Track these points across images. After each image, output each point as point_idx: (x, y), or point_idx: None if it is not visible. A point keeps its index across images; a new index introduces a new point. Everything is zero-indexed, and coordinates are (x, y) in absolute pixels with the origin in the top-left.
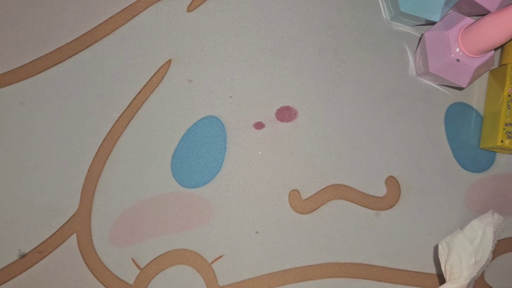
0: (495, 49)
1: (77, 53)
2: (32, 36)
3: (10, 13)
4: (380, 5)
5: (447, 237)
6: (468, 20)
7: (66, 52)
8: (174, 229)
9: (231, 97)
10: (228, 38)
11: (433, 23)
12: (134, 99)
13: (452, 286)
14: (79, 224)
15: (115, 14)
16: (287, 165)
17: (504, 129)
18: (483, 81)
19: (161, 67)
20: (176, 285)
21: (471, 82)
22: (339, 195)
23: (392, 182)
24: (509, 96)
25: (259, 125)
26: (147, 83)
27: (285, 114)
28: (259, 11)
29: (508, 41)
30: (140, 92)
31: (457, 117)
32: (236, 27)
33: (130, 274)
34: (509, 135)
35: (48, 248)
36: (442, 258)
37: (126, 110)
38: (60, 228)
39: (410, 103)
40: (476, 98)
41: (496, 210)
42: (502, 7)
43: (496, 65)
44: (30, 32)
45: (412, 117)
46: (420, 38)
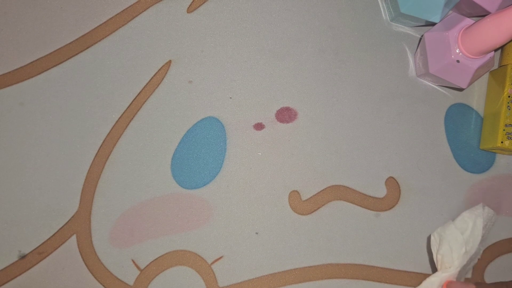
0: (495, 50)
1: (77, 54)
2: (32, 37)
3: (10, 14)
4: (380, 6)
5: (439, 228)
6: (468, 21)
7: (66, 53)
8: (174, 230)
9: (231, 98)
10: (228, 39)
11: (433, 24)
12: (134, 100)
13: (443, 275)
14: (79, 225)
15: (115, 15)
16: (287, 166)
17: (504, 130)
18: (483, 82)
19: (161, 68)
20: (176, 286)
21: (471, 83)
22: (339, 196)
23: (392, 183)
24: (509, 97)
25: (259, 126)
26: (147, 84)
27: (285, 115)
28: (259, 12)
29: (508, 42)
30: (140, 93)
31: (457, 118)
32: (236, 28)
33: (130, 275)
34: (509, 136)
35: (48, 249)
36: (434, 249)
37: (126, 111)
38: (60, 229)
39: (410, 104)
40: (476, 99)
41: (496, 210)
42: (502, 8)
43: (496, 66)
44: (30, 33)
45: (412, 118)
46: (420, 39)
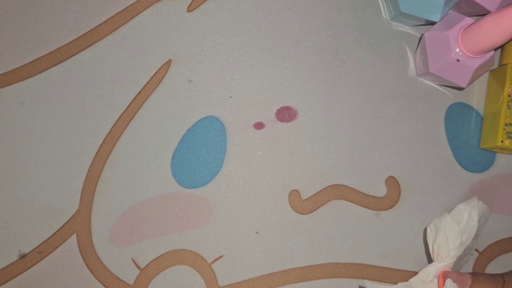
0: (495, 49)
1: (77, 53)
2: (32, 36)
3: (10, 13)
4: (380, 5)
5: (435, 219)
6: (468, 20)
7: (66, 52)
8: (174, 229)
9: (231, 97)
10: (228, 38)
11: (433, 23)
12: (134, 99)
13: (440, 265)
14: (79, 225)
15: (115, 14)
16: (287, 165)
17: (504, 129)
18: (483, 81)
19: (161, 67)
20: (176, 285)
21: (471, 82)
22: (339, 195)
23: (392, 182)
24: (509, 96)
25: (259, 125)
26: (147, 83)
27: (285, 114)
28: (259, 11)
29: (508, 41)
30: (140, 92)
31: (457, 117)
32: (236, 27)
33: (130, 275)
34: (509, 135)
35: (48, 249)
36: (430, 240)
37: (126, 110)
38: (60, 228)
39: (410, 103)
40: (476, 98)
41: (496, 210)
42: (502, 7)
43: (496, 65)
44: (30, 32)
45: (412, 117)
46: (420, 38)
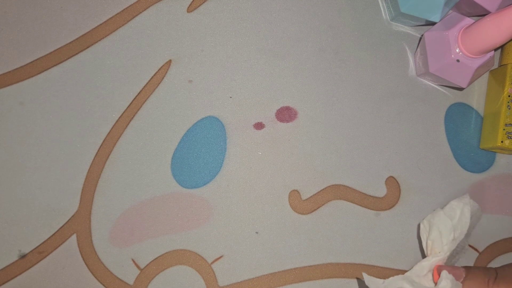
0: (495, 50)
1: (77, 54)
2: (32, 37)
3: (10, 14)
4: (380, 5)
5: (428, 215)
6: (468, 21)
7: (66, 53)
8: (174, 229)
9: (231, 97)
10: (228, 39)
11: (433, 24)
12: (134, 99)
13: (434, 259)
14: (79, 225)
15: (115, 15)
16: (287, 166)
17: (504, 130)
18: (483, 82)
19: (161, 67)
20: (176, 285)
21: (471, 82)
22: (339, 196)
23: (392, 182)
24: (509, 96)
25: (259, 126)
26: (147, 83)
27: (285, 114)
28: (259, 11)
29: (508, 42)
30: (140, 93)
31: (457, 118)
32: (236, 28)
33: (130, 275)
34: (509, 135)
35: (48, 249)
36: (423, 236)
37: (126, 110)
38: (60, 228)
39: (410, 103)
40: (476, 98)
41: (496, 210)
42: (502, 7)
43: (496, 66)
44: (30, 32)
45: (412, 117)
46: (420, 39)
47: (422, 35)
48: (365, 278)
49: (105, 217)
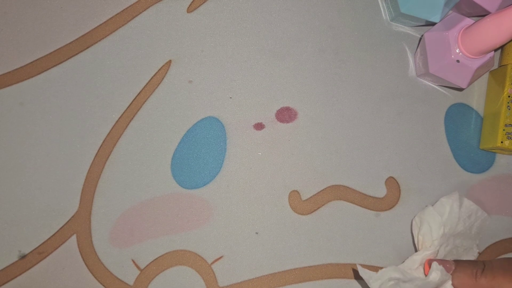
0: (495, 50)
1: (77, 54)
2: (32, 37)
3: (10, 14)
4: (380, 6)
5: (419, 212)
6: (468, 21)
7: (66, 53)
8: (174, 230)
9: (231, 98)
10: (228, 39)
11: (433, 24)
12: (134, 100)
13: (425, 253)
14: (79, 225)
15: (115, 15)
16: (287, 166)
17: (504, 130)
18: (483, 82)
19: (161, 68)
20: (176, 286)
21: (471, 83)
22: (339, 196)
23: (392, 183)
24: (509, 97)
25: (259, 126)
26: (147, 84)
27: (285, 115)
28: (259, 12)
29: (508, 42)
30: (140, 93)
31: (457, 118)
32: (236, 28)
33: (130, 275)
34: (509, 136)
35: (48, 249)
36: (415, 232)
37: (126, 111)
38: (60, 229)
39: (410, 104)
40: (476, 99)
41: (496, 210)
42: (502, 8)
43: (496, 66)
44: (30, 33)
45: (412, 118)
46: (420, 39)
47: (422, 36)
48: (359, 269)
49: (105, 217)
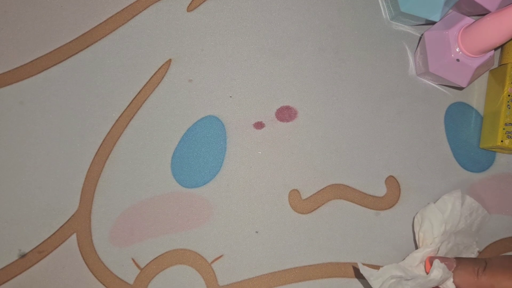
0: (495, 49)
1: (77, 53)
2: (32, 36)
3: (10, 13)
4: (380, 5)
5: (421, 209)
6: (468, 20)
7: (66, 52)
8: (174, 229)
9: (231, 97)
10: (228, 38)
11: (433, 23)
12: (134, 99)
13: (426, 250)
14: (79, 224)
15: (115, 14)
16: (287, 165)
17: (504, 129)
18: (483, 81)
19: (161, 67)
20: (176, 285)
21: (471, 82)
22: (339, 195)
23: (392, 182)
24: (509, 95)
25: (259, 125)
26: (147, 83)
27: (285, 114)
28: (259, 10)
29: (508, 41)
30: (140, 92)
31: (457, 117)
32: (236, 27)
33: (130, 274)
34: (509, 135)
35: (48, 248)
36: (416, 229)
37: (126, 110)
38: (60, 228)
39: (410, 103)
40: (476, 98)
41: (496, 210)
42: (502, 7)
43: (496, 65)
44: (30, 32)
45: (412, 117)
46: (420, 38)
47: (422, 35)
48: (360, 267)
49: (105, 216)
